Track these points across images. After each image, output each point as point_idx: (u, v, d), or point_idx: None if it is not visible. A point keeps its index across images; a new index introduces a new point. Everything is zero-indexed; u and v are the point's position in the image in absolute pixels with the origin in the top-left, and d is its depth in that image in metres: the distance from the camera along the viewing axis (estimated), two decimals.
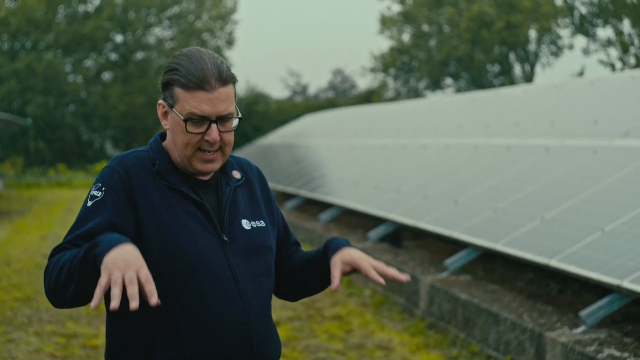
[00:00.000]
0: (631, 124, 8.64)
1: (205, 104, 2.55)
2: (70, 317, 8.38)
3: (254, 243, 2.69)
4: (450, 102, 17.11)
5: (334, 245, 2.72)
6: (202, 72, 2.55)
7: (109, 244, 2.33)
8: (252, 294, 2.63)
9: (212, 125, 2.58)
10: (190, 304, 2.54)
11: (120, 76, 45.53)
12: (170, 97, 2.61)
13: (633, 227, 6.50)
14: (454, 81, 48.05)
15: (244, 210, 2.74)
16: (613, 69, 38.64)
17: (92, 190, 2.60)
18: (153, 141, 2.72)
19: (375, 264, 2.61)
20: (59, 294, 2.45)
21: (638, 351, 5.44)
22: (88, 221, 2.54)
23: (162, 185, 2.61)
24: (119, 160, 2.62)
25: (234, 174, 2.78)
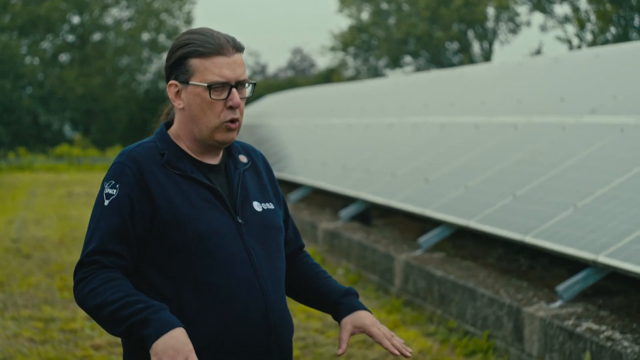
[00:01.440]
0: (598, 100, 8.78)
1: (225, 68, 2.63)
2: (45, 302, 8.37)
3: (266, 224, 2.76)
4: (415, 80, 17.21)
5: (348, 305, 2.83)
6: (217, 39, 2.64)
7: (160, 329, 2.44)
8: (268, 276, 2.69)
9: (232, 89, 2.64)
10: (209, 288, 2.59)
11: (78, 58, 45.08)
12: (185, 72, 2.65)
13: (604, 203, 6.64)
14: (414, 59, 48.22)
15: (254, 192, 2.79)
16: (570, 45, 39.00)
17: (105, 188, 2.63)
18: (159, 131, 2.76)
19: (386, 332, 2.74)
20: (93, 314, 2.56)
21: (615, 324, 5.58)
22: (109, 220, 2.59)
23: (173, 174, 2.66)
24: (127, 155, 2.66)
25: (241, 158, 2.83)
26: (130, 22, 46.51)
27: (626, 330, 5.43)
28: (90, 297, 2.52)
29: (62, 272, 9.79)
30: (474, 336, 6.77)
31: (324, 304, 2.88)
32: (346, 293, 2.85)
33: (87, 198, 18.57)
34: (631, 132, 7.58)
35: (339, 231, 10.32)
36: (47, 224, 14.02)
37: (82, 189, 20.67)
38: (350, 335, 2.76)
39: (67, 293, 8.74)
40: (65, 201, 17.97)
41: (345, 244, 9.98)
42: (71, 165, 29.99)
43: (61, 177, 25.27)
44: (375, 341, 2.73)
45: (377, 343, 2.74)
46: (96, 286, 2.52)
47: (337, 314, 2.82)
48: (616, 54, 10.24)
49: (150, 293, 2.59)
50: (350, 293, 2.86)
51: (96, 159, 31.76)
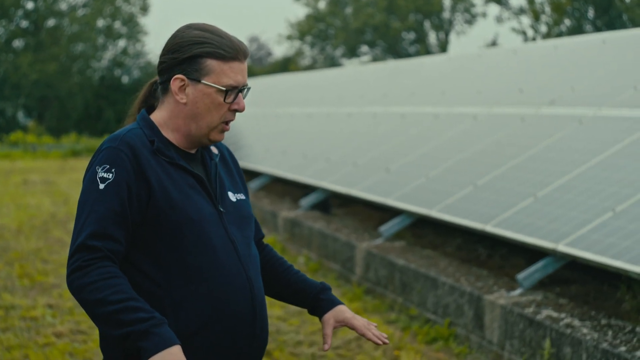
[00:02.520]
0: (557, 92, 8.91)
1: (239, 74, 2.68)
2: (5, 289, 8.32)
3: (241, 213, 2.83)
4: (374, 70, 17.28)
5: (328, 301, 2.91)
6: (234, 44, 2.69)
7: (159, 345, 2.47)
8: (248, 260, 2.76)
9: (239, 94, 2.71)
10: (198, 274, 2.63)
11: (32, 44, 44.60)
12: (197, 69, 2.67)
13: (564, 193, 6.76)
14: (370, 49, 48.36)
15: (227, 183, 2.86)
16: (525, 36, 39.38)
17: (99, 172, 2.61)
18: (142, 119, 2.77)
19: (365, 323, 2.85)
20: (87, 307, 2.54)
21: (574, 311, 5.69)
22: (108, 203, 2.57)
23: (162, 161, 2.69)
24: (121, 140, 2.66)
25: (213, 149, 2.89)
26: (85, 9, 46.12)
27: (585, 318, 5.54)
28: (89, 290, 2.51)
29: (21, 260, 9.73)
30: (435, 324, 6.86)
31: (299, 300, 2.94)
32: (323, 289, 2.94)
33: (44, 186, 18.42)
34: (589, 124, 7.72)
35: (300, 220, 10.36)
36: (4, 212, 13.89)
37: (38, 177, 20.49)
38: (333, 330, 2.85)
39: (27, 280, 8.70)
40: (22, 189, 17.80)
41: (306, 233, 10.03)
42: (26, 152, 29.69)
43: (16, 165, 25.01)
44: (358, 333, 2.83)
45: (360, 335, 2.83)
46: (96, 280, 2.51)
47: (317, 309, 2.89)
48: (574, 46, 10.39)
49: (140, 279, 2.62)
50: (327, 288, 2.95)
51: (51, 146, 31.47)
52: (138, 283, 2.62)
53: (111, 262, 2.56)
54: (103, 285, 2.51)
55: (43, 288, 8.42)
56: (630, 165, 6.55)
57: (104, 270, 2.53)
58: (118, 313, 2.48)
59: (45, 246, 10.67)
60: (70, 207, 14.50)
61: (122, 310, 2.48)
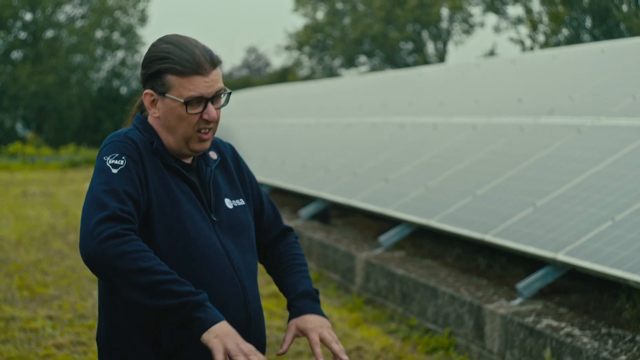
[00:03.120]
0: (555, 101, 8.93)
1: (201, 87, 2.66)
2: (5, 301, 8.32)
3: (238, 221, 2.82)
4: (373, 80, 17.31)
5: (298, 308, 2.85)
6: (195, 56, 2.66)
7: (215, 317, 2.47)
8: (244, 270, 2.75)
9: (208, 103, 2.69)
10: (192, 281, 2.62)
11: (30, 55, 44.62)
12: (161, 85, 2.68)
13: (563, 202, 6.77)
14: (368, 59, 48.44)
15: (225, 190, 2.85)
16: (523, 46, 39.42)
17: (109, 159, 2.60)
18: (139, 122, 2.78)
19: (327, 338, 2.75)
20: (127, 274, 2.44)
21: (574, 321, 5.70)
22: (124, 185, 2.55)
23: (159, 164, 2.70)
24: (124, 135, 2.68)
25: (211, 155, 2.88)
26: (84, 20, 46.16)
27: (585, 327, 5.55)
28: (131, 259, 2.43)
29: (20, 272, 9.73)
30: (435, 334, 6.86)
31: (286, 301, 2.93)
32: (302, 295, 2.87)
33: (43, 198, 18.42)
34: (588, 133, 7.74)
35: (299, 230, 10.37)
36: (3, 224, 13.89)
37: (38, 189, 20.48)
38: (293, 337, 2.79)
39: (27, 292, 8.69)
40: (21, 201, 17.80)
41: (305, 243, 10.03)
42: (25, 164, 29.67)
43: (15, 176, 25.00)
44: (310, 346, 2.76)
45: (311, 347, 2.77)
46: (139, 250, 2.46)
47: (290, 313, 2.86)
48: (572, 56, 10.42)
49: None
50: (305, 295, 2.87)
51: (50, 158, 31.45)
52: None
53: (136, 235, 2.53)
54: (147, 256, 2.46)
55: (43, 300, 8.41)
56: (629, 174, 6.57)
57: (144, 244, 2.49)
58: (168, 283, 2.45)
59: (45, 258, 10.67)
60: (70, 218, 14.50)
61: (173, 282, 2.45)
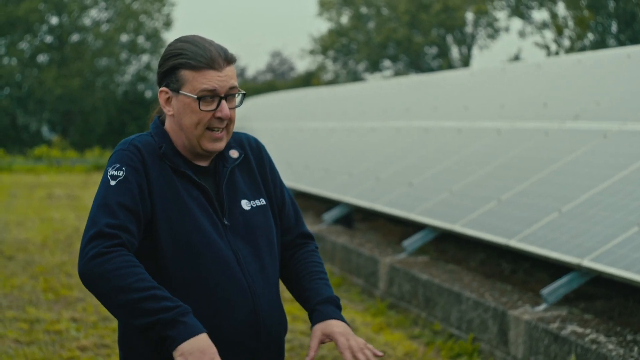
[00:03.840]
0: (581, 106, 8.88)
1: (215, 82, 2.67)
2: (30, 303, 8.36)
3: (254, 223, 2.79)
4: (397, 84, 17.28)
5: (322, 312, 2.80)
6: (210, 52, 2.68)
7: (186, 333, 2.46)
8: (256, 274, 2.72)
9: (221, 101, 2.69)
10: (196, 287, 2.63)
11: (56, 59, 44.93)
12: (175, 81, 2.69)
13: (589, 207, 6.72)
14: (393, 63, 48.38)
15: (243, 190, 2.82)
16: (548, 51, 39.27)
17: (109, 170, 2.65)
18: (155, 126, 2.80)
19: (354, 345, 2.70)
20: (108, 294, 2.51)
21: (599, 327, 5.65)
22: (120, 197, 2.59)
23: (167, 168, 2.70)
24: (129, 143, 2.70)
25: (231, 154, 2.84)
26: (109, 24, 46.41)
27: (610, 334, 5.50)
28: (112, 277, 2.48)
29: (45, 274, 9.78)
30: (459, 339, 6.83)
31: (305, 307, 2.88)
32: (325, 300, 2.82)
33: (68, 200, 18.52)
34: (614, 138, 7.68)
35: (323, 234, 10.36)
36: (29, 226, 13.98)
37: (63, 191, 20.60)
38: (319, 343, 2.74)
39: (52, 294, 8.73)
40: (46, 203, 17.91)
41: (329, 247, 10.03)
42: (50, 166, 29.86)
43: (41, 179, 25.16)
44: (339, 350, 2.71)
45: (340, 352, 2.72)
46: (119, 267, 2.49)
47: (311, 319, 2.82)
48: (598, 60, 10.35)
49: None
50: (329, 301, 2.83)
51: (75, 161, 31.62)
52: None
53: (130, 253, 2.55)
54: (127, 273, 2.49)
55: (67, 302, 8.45)
56: None
57: (128, 258, 2.52)
58: (143, 301, 2.46)
59: (70, 260, 10.72)
60: None
61: (147, 299, 2.47)
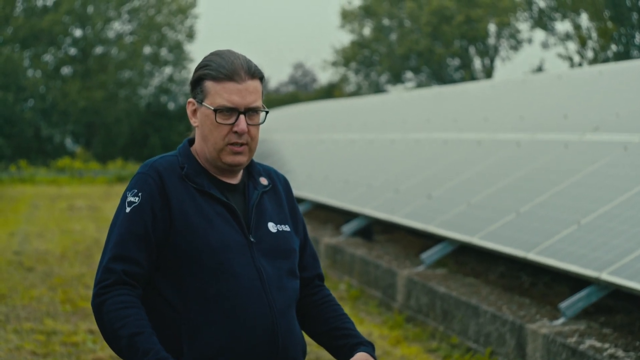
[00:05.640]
0: (601, 118, 8.80)
1: (234, 94, 2.68)
2: (47, 315, 8.37)
3: (279, 245, 2.79)
4: (417, 96, 17.25)
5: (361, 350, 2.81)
6: (233, 65, 2.69)
7: None
8: (277, 293, 2.72)
9: (240, 116, 2.69)
10: (216, 301, 2.63)
11: (80, 71, 45.15)
12: (200, 92, 2.72)
13: (608, 220, 6.65)
14: (415, 75, 48.30)
15: (270, 214, 2.83)
16: (571, 62, 39.09)
17: (128, 196, 2.71)
18: (182, 146, 2.83)
19: None
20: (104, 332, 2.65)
21: (618, 342, 5.58)
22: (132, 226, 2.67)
23: (190, 188, 2.72)
24: (150, 166, 2.73)
25: (262, 180, 2.87)
26: (133, 36, 46.61)
27: (629, 348, 5.43)
28: (105, 321, 2.63)
29: (64, 286, 9.80)
30: (476, 353, 6.77)
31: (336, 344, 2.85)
32: (367, 343, 2.84)
33: (89, 212, 18.58)
34: (634, 150, 7.60)
35: (342, 246, 10.32)
36: (49, 237, 14.03)
37: (84, 203, 20.69)
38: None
39: (69, 306, 8.74)
40: (67, 214, 17.98)
41: (347, 259, 9.98)
42: (73, 178, 30.00)
43: (63, 191, 25.28)
44: None
45: None
46: (109, 310, 2.61)
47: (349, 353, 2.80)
48: (619, 71, 10.27)
49: (160, 304, 2.66)
50: (370, 345, 2.85)
51: (97, 172, 31.76)
52: (158, 308, 2.65)
53: (127, 287, 2.62)
54: (115, 317, 2.60)
55: (85, 314, 8.45)
56: None
57: (118, 300, 2.60)
58: (126, 349, 2.58)
59: (89, 272, 10.73)
60: None
61: (128, 347, 2.57)
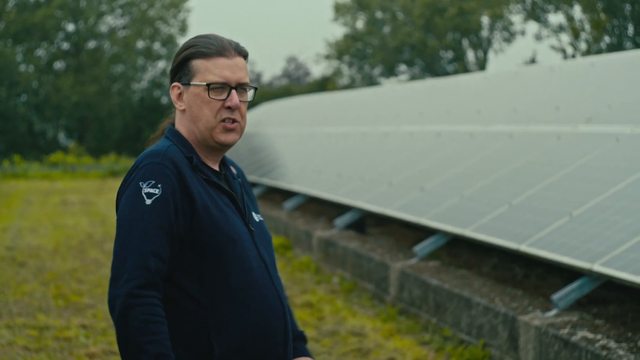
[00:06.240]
0: (593, 109, 8.80)
1: (225, 69, 2.67)
2: (40, 310, 8.35)
3: (265, 234, 2.84)
4: (410, 89, 17.23)
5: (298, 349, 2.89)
6: (221, 42, 2.71)
7: None
8: (277, 282, 2.77)
9: (232, 91, 2.68)
10: (238, 293, 2.63)
11: (73, 65, 45.09)
12: (187, 73, 2.70)
13: (599, 212, 6.65)
14: (408, 68, 48.32)
15: (249, 203, 2.86)
16: (564, 54, 39.10)
17: (143, 187, 2.57)
18: (174, 135, 2.75)
19: None
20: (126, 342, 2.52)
21: (610, 333, 5.58)
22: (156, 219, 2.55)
23: (200, 178, 2.69)
24: (163, 155, 2.64)
25: (232, 170, 2.88)
26: (125, 30, 46.54)
27: (621, 339, 5.43)
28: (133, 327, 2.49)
29: (56, 281, 9.78)
30: (469, 345, 6.77)
31: None
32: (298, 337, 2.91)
33: (82, 206, 18.55)
34: (626, 141, 7.60)
35: (334, 240, 10.31)
36: (42, 233, 14.00)
37: (77, 197, 20.65)
38: None
39: (62, 301, 8.72)
40: (60, 209, 17.94)
41: (340, 253, 9.98)
42: (65, 173, 29.95)
43: (56, 185, 25.23)
44: None
45: None
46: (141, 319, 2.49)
47: None
48: (611, 63, 10.27)
49: (183, 300, 2.60)
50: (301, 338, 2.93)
51: (90, 167, 31.72)
52: (181, 304, 2.60)
53: (157, 291, 2.53)
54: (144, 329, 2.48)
55: (77, 308, 8.44)
56: None
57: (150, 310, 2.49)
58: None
59: (81, 266, 10.72)
60: (107, 227, 14.57)
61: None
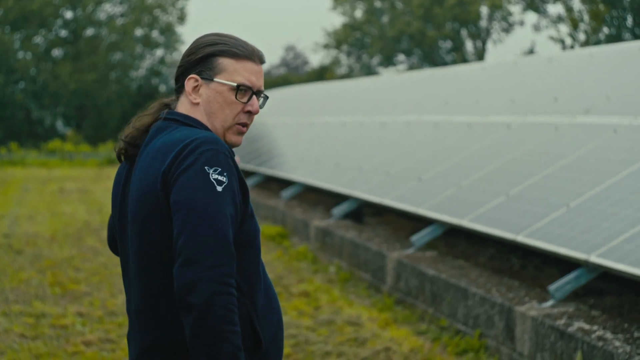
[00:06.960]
0: (592, 100, 8.79)
1: (253, 74, 2.68)
2: (36, 297, 8.35)
3: None
4: (408, 79, 17.21)
5: None
6: (249, 46, 2.71)
7: None
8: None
9: (253, 96, 2.69)
10: (265, 282, 2.70)
11: (71, 53, 45.01)
12: (211, 68, 2.67)
13: (597, 203, 6.64)
14: (407, 57, 48.26)
15: None
16: (563, 45, 39.07)
17: (211, 173, 2.52)
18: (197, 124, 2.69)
19: None
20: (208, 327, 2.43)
21: (607, 324, 5.59)
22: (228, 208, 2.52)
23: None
24: (220, 143, 2.59)
25: None
26: (124, 18, 46.44)
27: (618, 330, 5.43)
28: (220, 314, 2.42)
29: (53, 268, 9.77)
30: (465, 335, 6.77)
31: None
32: None
33: (79, 194, 18.53)
34: (624, 133, 7.60)
35: (331, 229, 10.31)
36: (39, 220, 13.99)
37: (74, 185, 20.63)
38: None
39: (59, 289, 8.72)
40: (58, 197, 17.93)
41: (337, 242, 9.98)
42: (63, 160, 29.94)
43: (53, 173, 25.21)
44: None
45: None
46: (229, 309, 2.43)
47: None
48: (610, 54, 10.25)
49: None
50: None
51: (88, 155, 31.71)
52: None
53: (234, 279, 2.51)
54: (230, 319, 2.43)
55: (74, 296, 8.43)
56: None
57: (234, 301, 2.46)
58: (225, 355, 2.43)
59: (78, 254, 10.71)
60: (104, 215, 14.56)
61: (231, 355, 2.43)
